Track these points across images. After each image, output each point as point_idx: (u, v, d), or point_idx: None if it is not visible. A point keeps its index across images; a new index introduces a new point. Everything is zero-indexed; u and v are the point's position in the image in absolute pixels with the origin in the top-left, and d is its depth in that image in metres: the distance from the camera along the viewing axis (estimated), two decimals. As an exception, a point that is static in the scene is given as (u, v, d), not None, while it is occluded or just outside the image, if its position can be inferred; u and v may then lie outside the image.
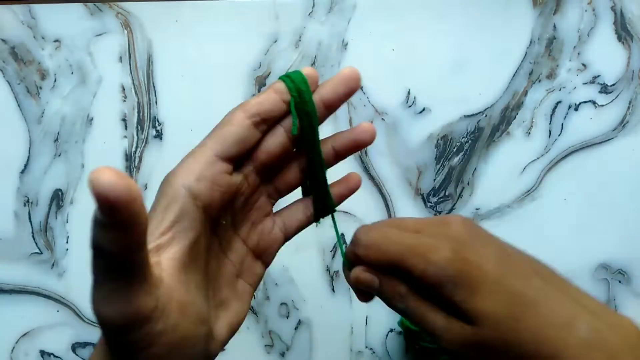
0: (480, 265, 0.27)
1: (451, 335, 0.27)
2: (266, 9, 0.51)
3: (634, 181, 0.50)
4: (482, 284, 0.26)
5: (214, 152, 0.27)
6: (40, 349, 0.50)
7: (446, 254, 0.27)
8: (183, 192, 0.26)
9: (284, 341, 0.50)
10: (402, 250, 0.28)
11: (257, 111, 0.28)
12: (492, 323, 0.26)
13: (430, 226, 0.29)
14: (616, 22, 0.51)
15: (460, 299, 0.26)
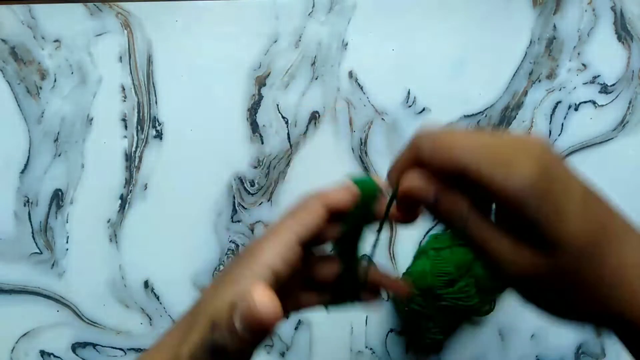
0: (568, 186, 0.24)
1: (519, 261, 0.24)
2: (266, 9, 0.51)
3: (634, 181, 0.50)
4: (569, 207, 0.23)
5: (296, 237, 0.28)
6: (40, 349, 0.50)
7: (533, 169, 0.23)
8: (267, 273, 0.27)
9: (284, 341, 0.50)
10: (477, 156, 0.24)
11: (333, 205, 0.29)
12: (573, 252, 0.23)
13: (509, 139, 0.25)
14: (616, 22, 0.51)
15: (544, 220, 0.23)
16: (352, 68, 0.51)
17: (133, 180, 0.51)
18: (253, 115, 0.51)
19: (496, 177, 0.23)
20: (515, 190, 0.23)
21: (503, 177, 0.23)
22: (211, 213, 0.51)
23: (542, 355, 0.50)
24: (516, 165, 0.23)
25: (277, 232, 0.28)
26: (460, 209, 0.25)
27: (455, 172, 0.24)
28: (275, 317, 0.21)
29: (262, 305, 0.21)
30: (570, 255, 0.23)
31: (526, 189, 0.23)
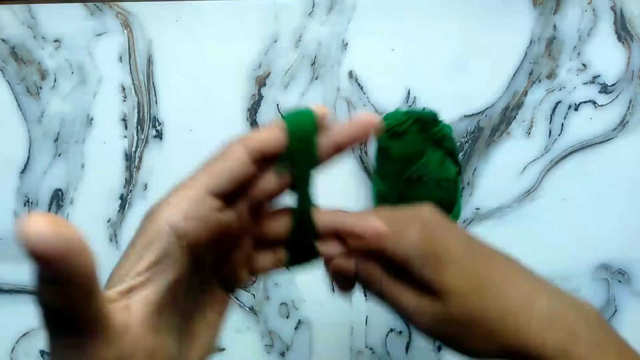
0: (447, 245, 0.29)
1: (422, 311, 0.29)
2: (266, 9, 0.51)
3: (634, 181, 0.50)
4: (449, 261, 0.28)
5: (206, 188, 0.25)
6: (40, 349, 0.50)
7: (415, 234, 0.29)
8: (167, 230, 0.24)
9: (284, 341, 0.50)
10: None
11: (258, 147, 0.26)
12: (459, 297, 0.28)
13: (402, 212, 0.31)
14: (616, 22, 0.51)
15: (429, 273, 0.28)
16: (352, 68, 0.51)
17: (133, 180, 0.51)
18: (253, 115, 0.51)
19: (388, 246, 0.28)
20: (402, 255, 0.28)
21: (393, 246, 0.28)
22: (211, 213, 0.51)
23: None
24: (404, 234, 0.28)
25: (181, 185, 0.25)
26: (374, 274, 0.30)
27: (364, 247, 0.29)
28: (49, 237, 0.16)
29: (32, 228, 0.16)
30: (457, 299, 0.28)
31: (412, 252, 0.28)
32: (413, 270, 0.28)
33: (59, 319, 0.19)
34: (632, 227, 0.50)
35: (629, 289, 0.50)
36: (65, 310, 0.19)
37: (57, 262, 0.17)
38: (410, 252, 0.28)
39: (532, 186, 0.50)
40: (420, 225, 0.29)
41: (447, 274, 0.28)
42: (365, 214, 0.30)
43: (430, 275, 0.28)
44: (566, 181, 0.50)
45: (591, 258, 0.50)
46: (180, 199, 0.25)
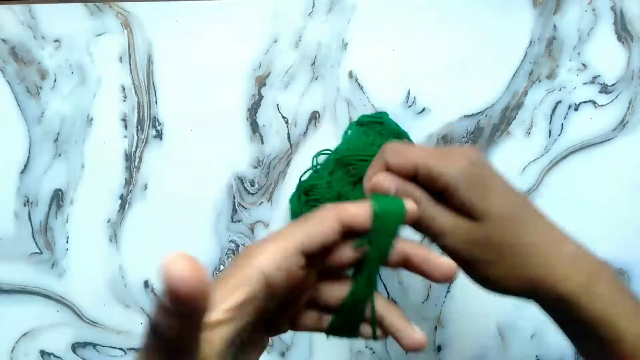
0: (491, 175, 0.31)
1: (457, 231, 0.30)
2: (266, 9, 0.51)
3: (634, 181, 0.50)
4: (492, 189, 0.31)
5: (298, 244, 0.26)
6: (40, 349, 0.50)
7: (463, 162, 0.31)
8: (258, 276, 0.25)
9: (284, 341, 0.50)
10: (425, 155, 0.31)
11: (349, 222, 0.27)
12: (498, 221, 0.30)
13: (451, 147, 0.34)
14: (616, 22, 0.51)
15: (473, 196, 0.30)
16: (352, 68, 0.51)
17: (133, 180, 0.51)
18: (253, 115, 0.51)
19: (436, 168, 0.30)
20: (450, 177, 0.30)
21: (442, 168, 0.30)
22: (211, 213, 0.51)
23: (542, 355, 0.50)
24: (452, 160, 0.31)
25: (278, 236, 0.27)
26: (415, 195, 0.31)
27: (410, 169, 0.31)
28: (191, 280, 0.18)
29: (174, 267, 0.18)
30: (495, 225, 0.30)
31: (459, 176, 0.30)
32: (457, 192, 0.30)
33: (165, 346, 0.21)
34: (632, 227, 0.50)
35: (629, 289, 0.50)
36: (178, 341, 0.20)
37: (191, 302, 0.19)
38: (457, 175, 0.30)
39: (532, 186, 0.50)
40: (467, 157, 0.31)
41: (489, 199, 0.30)
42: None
43: (473, 198, 0.30)
44: (566, 181, 0.50)
45: (591, 258, 0.50)
46: (274, 249, 0.26)
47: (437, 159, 0.31)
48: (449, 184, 0.30)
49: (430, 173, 0.31)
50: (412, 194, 0.31)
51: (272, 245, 0.26)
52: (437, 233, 0.31)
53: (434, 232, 0.31)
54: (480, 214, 0.30)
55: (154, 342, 0.21)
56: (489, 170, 0.32)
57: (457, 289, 0.50)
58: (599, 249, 0.50)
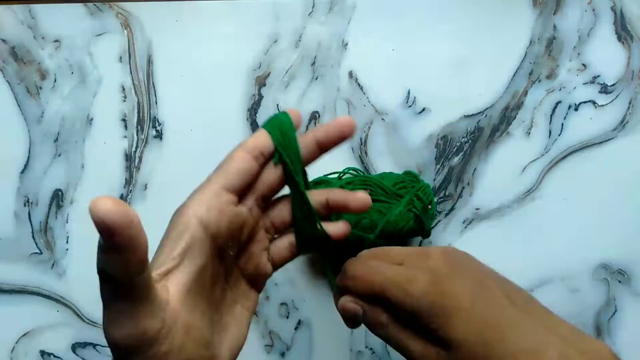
0: (455, 296, 0.29)
1: (428, 359, 0.29)
2: (266, 9, 0.51)
3: (634, 181, 0.50)
4: (456, 313, 0.28)
5: (220, 185, 0.29)
6: (40, 349, 0.50)
7: (423, 286, 0.29)
8: (194, 221, 0.28)
9: (284, 341, 0.50)
10: (384, 282, 0.31)
11: (253, 146, 0.30)
12: (466, 349, 0.28)
13: (412, 257, 0.32)
14: (616, 22, 0.51)
15: (436, 326, 0.28)
16: (352, 68, 0.51)
17: (133, 180, 0.51)
18: (253, 115, 0.51)
19: (396, 298, 0.30)
20: (410, 307, 0.29)
21: (401, 298, 0.29)
22: (211, 213, 0.51)
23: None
24: (410, 285, 0.29)
25: (200, 187, 0.30)
26: (381, 320, 0.31)
27: (371, 295, 0.31)
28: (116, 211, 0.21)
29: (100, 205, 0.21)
30: (463, 352, 0.28)
31: (417, 305, 0.29)
32: (420, 320, 0.29)
33: (116, 287, 0.23)
34: (632, 227, 0.50)
35: (629, 289, 0.50)
36: (123, 277, 0.22)
37: (120, 231, 0.21)
38: (417, 304, 0.29)
39: (532, 186, 0.50)
40: (429, 275, 0.30)
41: (454, 325, 0.28)
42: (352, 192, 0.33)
43: (437, 327, 0.28)
44: (566, 181, 0.50)
45: (591, 258, 0.50)
46: (200, 195, 0.29)
47: (397, 286, 0.30)
48: (411, 313, 0.29)
49: (391, 302, 0.30)
50: (379, 319, 0.31)
51: (198, 193, 0.29)
52: (407, 357, 0.31)
53: (406, 357, 0.31)
54: (446, 343, 0.28)
55: (106, 288, 0.23)
56: (453, 286, 0.29)
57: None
58: (599, 249, 0.50)
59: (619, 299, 0.50)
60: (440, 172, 0.51)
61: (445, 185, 0.51)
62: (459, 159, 0.51)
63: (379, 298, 0.31)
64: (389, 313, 0.31)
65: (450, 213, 0.50)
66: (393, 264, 0.32)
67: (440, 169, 0.51)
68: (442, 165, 0.51)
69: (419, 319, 0.29)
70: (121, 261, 0.22)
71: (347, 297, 0.33)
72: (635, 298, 0.50)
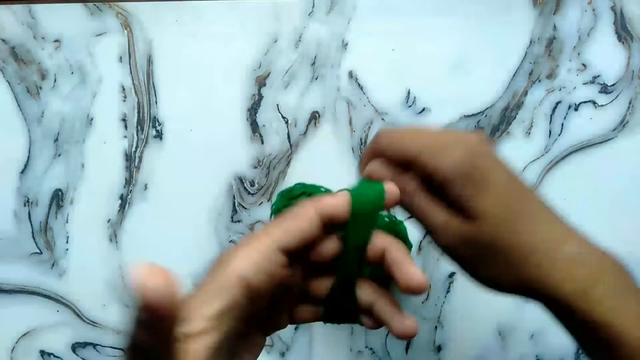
0: (489, 171, 0.29)
1: (449, 229, 0.29)
2: (266, 9, 0.51)
3: (634, 181, 0.50)
4: (490, 185, 0.28)
5: (277, 244, 0.26)
6: (40, 349, 0.50)
7: (460, 154, 0.28)
8: (237, 281, 0.25)
9: (284, 341, 0.50)
10: (420, 146, 0.29)
11: (328, 213, 0.27)
12: (492, 221, 0.28)
13: (450, 133, 0.31)
14: (616, 22, 0.51)
15: (468, 195, 0.28)
16: (352, 68, 0.51)
17: (133, 180, 0.51)
18: (253, 115, 0.51)
19: (431, 162, 0.29)
20: (445, 172, 0.28)
21: (437, 162, 0.29)
22: (211, 213, 0.51)
23: (542, 355, 0.50)
24: (448, 153, 0.29)
25: (255, 238, 0.27)
26: (409, 187, 0.30)
27: (404, 160, 0.30)
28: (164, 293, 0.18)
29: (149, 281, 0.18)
30: (489, 224, 0.28)
31: (454, 171, 0.28)
32: (452, 188, 0.28)
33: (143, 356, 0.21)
34: (632, 227, 0.50)
35: (629, 289, 0.50)
36: (153, 350, 0.20)
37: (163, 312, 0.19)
38: (452, 171, 0.28)
39: (532, 186, 0.50)
40: (466, 148, 0.29)
41: (485, 198, 0.28)
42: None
43: (468, 196, 0.28)
44: (566, 181, 0.50)
45: (591, 258, 0.50)
46: (251, 251, 0.26)
47: (432, 152, 0.29)
48: (443, 180, 0.29)
49: (425, 168, 0.29)
50: (406, 186, 0.30)
51: (249, 248, 0.26)
52: (429, 229, 0.30)
53: (426, 227, 0.30)
54: (473, 214, 0.28)
55: (132, 354, 0.21)
56: (488, 164, 0.29)
57: (457, 289, 0.50)
58: (599, 249, 0.50)
59: (619, 299, 0.50)
60: (440, 172, 0.51)
61: (445, 185, 0.51)
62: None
63: (409, 165, 0.30)
64: (417, 182, 0.30)
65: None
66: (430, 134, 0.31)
67: (440, 169, 0.51)
68: (442, 165, 0.51)
69: (450, 186, 0.28)
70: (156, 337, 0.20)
71: (374, 163, 0.31)
72: (635, 298, 0.50)
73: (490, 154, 0.30)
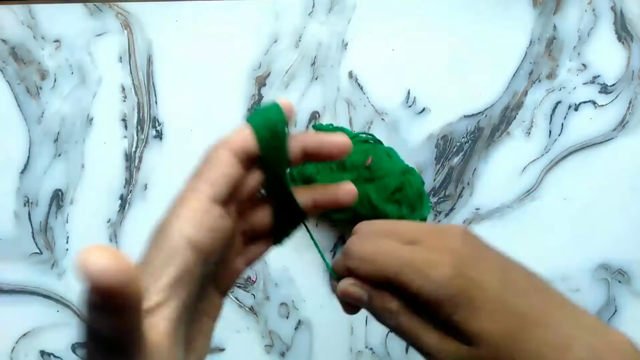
0: (481, 283, 0.26)
1: (445, 355, 0.26)
2: (266, 9, 0.51)
3: (634, 181, 0.50)
4: (483, 303, 0.26)
5: (208, 197, 0.25)
6: (40, 349, 0.50)
7: (446, 271, 0.26)
8: (183, 244, 0.23)
9: (284, 341, 0.50)
10: (398, 265, 0.27)
11: (240, 147, 0.25)
12: (491, 344, 0.25)
13: (428, 237, 0.28)
14: (616, 22, 0.51)
15: (460, 319, 0.25)
16: (352, 68, 0.51)
17: (133, 180, 0.51)
18: (253, 115, 0.51)
19: (414, 284, 0.26)
20: (430, 295, 0.25)
21: (420, 284, 0.26)
22: (211, 213, 0.51)
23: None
24: (431, 270, 0.26)
25: (186, 198, 0.25)
26: (391, 308, 0.27)
27: (381, 280, 0.27)
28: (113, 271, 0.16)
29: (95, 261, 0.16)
30: (488, 347, 0.25)
31: (439, 293, 0.25)
32: (440, 312, 0.26)
33: (105, 344, 0.19)
34: (632, 227, 0.50)
35: (629, 289, 0.50)
36: (117, 338, 0.19)
37: (116, 294, 0.17)
38: (439, 294, 0.25)
39: (532, 186, 0.50)
40: (451, 259, 0.26)
41: (480, 318, 0.25)
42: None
43: (461, 320, 0.25)
44: (566, 181, 0.50)
45: (591, 258, 0.50)
46: (188, 212, 0.24)
47: (413, 269, 0.26)
48: (429, 302, 0.26)
49: (407, 288, 0.26)
50: (387, 306, 0.27)
51: (186, 209, 0.24)
52: (422, 352, 0.27)
53: (418, 350, 0.27)
54: (470, 337, 0.25)
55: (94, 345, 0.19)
56: (479, 271, 0.26)
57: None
58: (599, 249, 0.50)
59: (619, 299, 0.50)
60: (440, 172, 0.51)
61: (445, 186, 0.51)
62: (459, 159, 0.51)
63: (389, 283, 0.27)
64: (400, 300, 0.27)
65: (450, 213, 0.50)
66: (404, 242, 0.28)
67: (440, 169, 0.51)
68: (442, 165, 0.51)
69: (439, 308, 0.26)
70: (117, 322, 0.18)
71: (349, 280, 0.29)
72: (635, 298, 0.50)
73: (480, 253, 0.27)
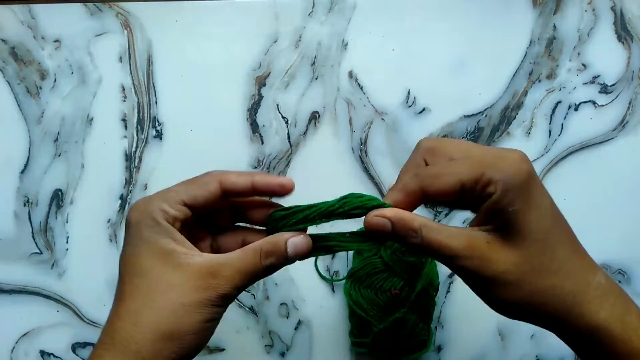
0: (538, 188, 0.28)
1: (474, 250, 0.28)
2: (266, 9, 0.51)
3: (634, 181, 0.50)
4: (538, 204, 0.27)
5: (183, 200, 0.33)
6: (40, 349, 0.50)
7: (516, 162, 0.28)
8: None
9: (284, 341, 0.50)
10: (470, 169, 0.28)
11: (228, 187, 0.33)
12: (532, 242, 0.27)
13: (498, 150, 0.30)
14: (616, 22, 0.51)
15: (518, 208, 0.27)
16: (352, 68, 0.51)
17: (133, 180, 0.51)
18: (253, 115, 0.51)
19: (487, 175, 0.27)
20: (501, 183, 0.27)
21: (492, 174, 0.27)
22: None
23: (542, 355, 0.50)
24: (503, 165, 0.27)
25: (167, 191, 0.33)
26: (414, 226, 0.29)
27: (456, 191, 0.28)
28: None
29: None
30: (526, 245, 0.27)
31: (509, 183, 0.27)
32: (501, 200, 0.27)
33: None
34: (632, 227, 0.50)
35: (629, 289, 0.50)
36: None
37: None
38: (508, 182, 0.27)
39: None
40: (521, 155, 0.28)
41: (531, 216, 0.27)
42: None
43: (518, 210, 0.27)
44: (566, 181, 0.50)
45: (591, 258, 0.50)
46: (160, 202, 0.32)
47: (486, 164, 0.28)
48: (496, 190, 0.27)
49: (481, 180, 0.27)
50: (411, 226, 0.29)
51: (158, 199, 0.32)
52: (450, 260, 0.29)
53: (445, 259, 0.29)
54: (515, 231, 0.27)
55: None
56: (537, 182, 0.28)
57: (457, 290, 0.50)
58: (599, 249, 0.50)
59: (619, 299, 0.50)
60: (440, 172, 0.51)
61: (445, 185, 0.50)
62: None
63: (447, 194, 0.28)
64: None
65: (450, 213, 0.50)
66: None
67: (440, 169, 0.51)
68: (442, 165, 0.51)
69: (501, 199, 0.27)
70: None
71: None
72: (635, 298, 0.49)
73: (536, 175, 0.29)
